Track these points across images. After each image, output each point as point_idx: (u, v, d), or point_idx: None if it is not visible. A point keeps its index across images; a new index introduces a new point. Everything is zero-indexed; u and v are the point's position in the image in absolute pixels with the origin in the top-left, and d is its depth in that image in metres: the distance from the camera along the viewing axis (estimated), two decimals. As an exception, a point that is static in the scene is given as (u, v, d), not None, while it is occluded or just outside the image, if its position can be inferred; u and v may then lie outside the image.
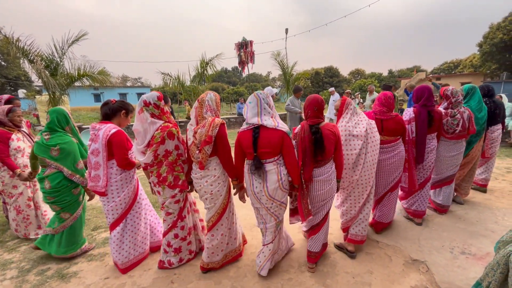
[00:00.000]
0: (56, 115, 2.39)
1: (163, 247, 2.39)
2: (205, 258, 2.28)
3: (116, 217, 2.28)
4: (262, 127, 1.95)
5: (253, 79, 50.41)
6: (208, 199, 2.14)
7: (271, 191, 2.01)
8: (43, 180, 2.38)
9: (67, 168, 2.35)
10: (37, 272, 2.43)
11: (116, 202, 2.25)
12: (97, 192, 2.19)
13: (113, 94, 32.86)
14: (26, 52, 6.66)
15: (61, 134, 2.38)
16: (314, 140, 2.03)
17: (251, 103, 1.99)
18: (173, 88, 10.80)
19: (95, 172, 2.16)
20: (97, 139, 2.12)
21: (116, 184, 2.24)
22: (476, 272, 2.19)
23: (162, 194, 2.20)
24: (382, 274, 2.25)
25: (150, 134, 2.04)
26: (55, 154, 2.31)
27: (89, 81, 7.88)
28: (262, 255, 2.23)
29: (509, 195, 3.76)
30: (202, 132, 1.95)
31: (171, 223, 2.30)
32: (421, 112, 2.76)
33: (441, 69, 44.22)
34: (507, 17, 24.76)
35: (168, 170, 2.11)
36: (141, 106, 2.05)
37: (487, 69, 27.99)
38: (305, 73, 13.54)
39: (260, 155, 1.98)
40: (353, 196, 2.46)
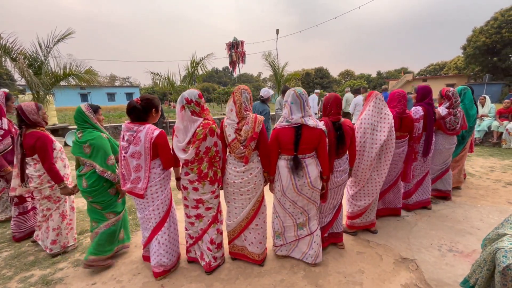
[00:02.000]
0: (74, 115, 2.31)
1: (205, 246, 2.31)
2: (256, 250, 2.35)
3: (158, 219, 2.22)
4: (304, 126, 2.08)
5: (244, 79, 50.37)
6: (250, 189, 2.21)
7: (313, 181, 2.17)
8: (81, 178, 2.28)
9: (98, 165, 2.24)
10: (19, 279, 2.32)
11: (159, 202, 2.20)
12: (135, 194, 2.13)
13: (100, 94, 32.16)
14: (8, 50, 6.42)
15: (90, 130, 2.28)
16: (338, 136, 2.25)
17: (294, 104, 2.09)
18: (163, 88, 10.65)
19: (136, 174, 2.09)
20: (138, 141, 2.03)
21: (160, 183, 2.18)
22: (463, 269, 2.24)
23: (201, 190, 2.17)
24: (373, 273, 2.28)
25: (191, 131, 2.02)
26: (87, 151, 2.22)
27: (76, 81, 7.67)
28: (315, 244, 2.34)
29: (493, 194, 3.89)
30: (247, 129, 2.05)
31: (211, 217, 2.28)
32: (429, 110, 3.02)
33: (427, 70, 45.46)
34: (489, 21, 25.70)
35: (209, 166, 2.11)
36: (183, 103, 2.02)
37: (471, 71, 28.97)
38: (296, 73, 13.63)
39: (300, 151, 2.13)
40: (366, 189, 2.69)
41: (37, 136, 2.40)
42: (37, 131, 2.45)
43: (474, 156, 5.95)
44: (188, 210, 2.28)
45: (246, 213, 2.28)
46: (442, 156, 3.43)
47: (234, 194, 2.26)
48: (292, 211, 2.31)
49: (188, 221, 2.32)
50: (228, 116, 2.16)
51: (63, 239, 2.67)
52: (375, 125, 2.50)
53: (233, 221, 2.34)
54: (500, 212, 3.30)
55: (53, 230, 2.60)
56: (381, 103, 2.53)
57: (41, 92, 6.80)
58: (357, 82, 32.00)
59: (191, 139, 2.02)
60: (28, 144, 2.40)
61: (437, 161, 3.46)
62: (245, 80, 50.83)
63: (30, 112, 2.42)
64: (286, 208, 2.31)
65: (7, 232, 3.09)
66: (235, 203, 2.30)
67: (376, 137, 2.50)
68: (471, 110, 3.65)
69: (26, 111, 2.40)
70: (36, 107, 2.47)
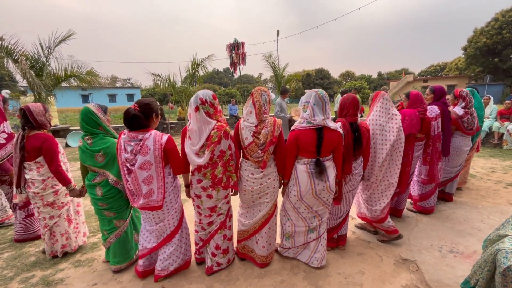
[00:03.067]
0: (81, 117, 2.09)
1: (210, 251, 2.29)
2: (265, 252, 2.33)
3: (173, 228, 2.15)
4: (325, 129, 2.04)
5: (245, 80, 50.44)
6: (269, 193, 2.20)
7: (331, 185, 2.15)
8: (94, 187, 2.15)
9: (112, 175, 2.12)
10: (20, 279, 2.33)
11: (174, 211, 2.11)
12: (150, 208, 1.98)
13: (101, 95, 32.25)
14: (10, 51, 6.45)
15: (102, 136, 2.11)
16: (355, 137, 2.24)
17: (316, 105, 2.04)
18: (163, 89, 10.66)
19: (148, 187, 1.93)
20: (147, 150, 1.88)
21: (173, 191, 2.09)
22: (464, 270, 2.24)
23: (215, 197, 2.11)
24: (374, 274, 2.27)
25: (205, 133, 1.92)
26: (100, 160, 2.07)
27: (77, 82, 7.69)
28: (320, 247, 2.33)
29: (494, 194, 3.88)
30: (266, 133, 1.99)
31: (219, 223, 2.23)
32: (445, 109, 3.03)
33: (428, 71, 45.43)
34: (490, 22, 25.68)
35: (223, 171, 2.02)
36: (197, 104, 1.92)
37: (472, 72, 28.93)
38: (296, 74, 13.62)
39: (321, 154, 2.09)
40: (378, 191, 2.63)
41: (43, 137, 2.31)
42: (42, 133, 2.37)
43: (475, 157, 5.94)
44: (201, 217, 2.23)
45: (262, 216, 2.25)
46: (461, 157, 3.40)
47: (253, 197, 2.21)
48: (306, 215, 2.26)
49: (200, 226, 2.28)
50: (246, 118, 2.07)
51: (73, 243, 2.63)
52: (384, 126, 2.45)
53: (249, 221, 2.30)
54: (501, 213, 3.29)
55: (61, 236, 2.53)
56: (388, 103, 2.49)
57: (43, 93, 6.82)
58: (357, 83, 31.97)
59: (205, 142, 1.94)
60: (34, 146, 2.29)
61: (455, 163, 3.43)
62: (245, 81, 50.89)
63: (38, 114, 2.32)
64: (301, 212, 2.26)
65: (8, 233, 3.10)
66: (254, 205, 2.27)
67: (385, 137, 2.45)
68: (481, 111, 3.74)
69: (34, 112, 2.30)
70: (44, 108, 2.39)
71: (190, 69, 10.24)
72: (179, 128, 12.03)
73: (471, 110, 3.24)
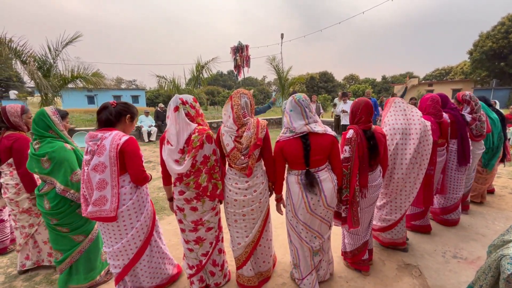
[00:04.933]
0: (34, 117, 1.96)
1: (207, 270, 2.10)
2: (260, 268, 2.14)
3: (139, 245, 1.86)
4: (311, 134, 1.82)
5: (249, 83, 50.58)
6: (255, 209, 1.93)
7: (329, 200, 1.90)
8: (42, 198, 1.96)
9: (59, 183, 1.90)
10: (24, 278, 2.36)
11: (135, 231, 1.82)
12: (102, 218, 1.71)
13: (107, 96, 32.56)
14: (18, 53, 6.57)
15: (50, 140, 1.93)
16: (371, 146, 2.01)
17: (293, 111, 1.85)
18: (168, 91, 10.75)
19: (100, 193, 1.68)
20: (102, 150, 1.66)
21: (134, 206, 1.80)
22: (467, 276, 2.21)
23: (201, 209, 1.90)
24: (376, 278, 2.26)
25: (184, 136, 1.75)
26: (46, 166, 1.88)
27: (83, 83, 7.80)
28: (323, 263, 2.14)
29: (499, 200, 3.83)
30: (249, 135, 1.78)
31: (214, 239, 2.03)
32: (456, 115, 2.82)
33: (433, 75, 45.12)
34: (496, 26, 25.50)
35: (208, 178, 1.83)
36: (177, 104, 1.76)
37: (477, 76, 28.67)
38: (300, 77, 13.66)
39: (312, 164, 1.85)
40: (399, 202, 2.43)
41: (14, 137, 2.20)
42: (15, 133, 2.26)
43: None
44: (185, 234, 1.98)
45: (252, 237, 1.99)
46: (474, 163, 3.21)
47: (235, 215, 1.95)
48: (305, 235, 1.99)
49: (186, 247, 2.03)
50: (225, 123, 1.88)
51: None
52: (404, 128, 2.27)
53: (237, 247, 2.03)
54: (506, 218, 3.25)
55: (44, 244, 2.35)
56: (402, 105, 2.35)
57: (50, 94, 6.93)
58: (361, 87, 31.90)
59: (184, 147, 1.76)
60: (5, 147, 2.19)
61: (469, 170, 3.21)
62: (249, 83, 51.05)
63: (12, 114, 2.24)
64: (299, 232, 1.99)
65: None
66: (236, 225, 2.00)
67: (407, 141, 2.26)
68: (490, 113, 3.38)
69: (9, 113, 2.23)
70: (21, 110, 2.29)
71: (194, 71, 10.32)
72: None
73: (479, 115, 2.96)
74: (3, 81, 27.31)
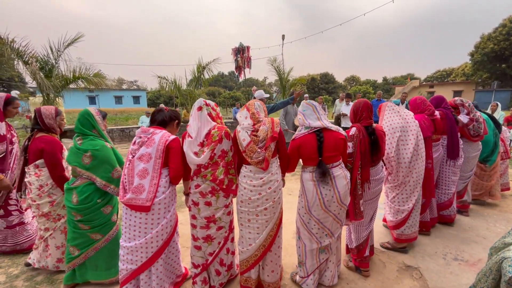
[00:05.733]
0: (78, 117, 2.08)
1: (214, 269, 2.09)
2: (267, 278, 2.08)
3: (160, 243, 1.89)
4: (325, 130, 1.97)
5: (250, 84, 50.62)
6: (268, 208, 1.93)
7: (342, 196, 1.98)
8: (71, 192, 2.02)
9: (100, 178, 2.01)
10: (25, 277, 2.36)
11: (164, 223, 1.87)
12: (136, 207, 1.77)
13: (108, 97, 32.66)
14: (21, 53, 6.62)
15: (92, 138, 2.05)
16: (372, 141, 2.14)
17: (306, 110, 2.03)
18: (169, 91, 10.79)
19: (140, 181, 1.78)
20: (151, 143, 1.84)
21: (165, 200, 1.86)
22: (468, 278, 2.21)
23: (214, 205, 1.95)
24: (376, 280, 2.26)
25: (204, 131, 1.92)
26: (86, 162, 1.98)
27: (85, 84, 7.84)
28: (330, 264, 2.17)
29: (501, 202, 3.82)
30: (265, 129, 1.89)
31: (223, 239, 2.05)
32: (448, 113, 2.97)
33: (434, 77, 45.10)
34: (498, 27, 25.48)
35: (225, 172, 1.93)
36: (201, 104, 1.97)
37: (479, 78, 28.63)
38: (301, 78, 13.67)
39: (326, 160, 1.94)
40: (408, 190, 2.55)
41: (47, 140, 2.24)
42: (48, 135, 2.29)
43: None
44: (196, 230, 2.02)
45: (263, 239, 1.97)
46: (470, 164, 3.34)
47: (249, 215, 1.96)
48: (317, 232, 2.04)
49: (194, 244, 2.06)
50: (242, 123, 2.00)
51: None
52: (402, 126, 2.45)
53: (246, 249, 2.00)
54: (507, 221, 3.24)
55: (56, 248, 2.34)
56: (395, 107, 2.53)
57: (51, 94, 6.97)
58: (362, 88, 31.88)
59: (204, 141, 1.90)
60: (36, 148, 2.21)
61: (465, 169, 3.35)
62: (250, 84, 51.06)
63: (47, 116, 2.27)
64: (310, 228, 2.04)
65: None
66: (249, 226, 1.98)
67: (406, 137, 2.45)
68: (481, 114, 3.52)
69: (44, 114, 2.26)
70: (55, 112, 2.33)
71: (195, 72, 10.37)
72: (183, 130, 12.10)
73: (476, 116, 3.13)
74: (5, 81, 27.43)
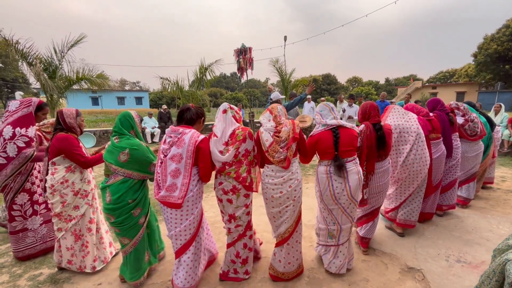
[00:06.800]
0: (119, 117, 2.21)
1: (229, 258, 2.24)
2: (280, 268, 2.23)
3: (189, 237, 2.04)
4: (340, 128, 2.15)
5: (252, 85, 50.69)
6: (289, 206, 2.09)
7: (353, 191, 2.13)
8: (105, 191, 2.10)
9: (137, 172, 2.12)
10: (29, 277, 2.38)
11: (192, 218, 2.02)
12: (169, 204, 1.93)
13: (111, 98, 32.84)
14: (25, 54, 6.67)
15: (129, 138, 2.17)
16: (378, 137, 2.34)
17: (323, 111, 2.24)
18: (171, 92, 10.82)
19: (172, 180, 1.92)
20: (181, 143, 1.93)
21: (193, 197, 2.00)
22: (471, 281, 2.19)
23: (235, 203, 2.08)
24: (378, 282, 2.25)
25: (229, 131, 2.06)
26: (124, 159, 2.07)
27: (88, 84, 7.88)
28: (340, 254, 2.31)
29: (504, 204, 3.79)
30: (287, 130, 2.03)
31: (237, 235, 2.19)
32: (441, 114, 3.16)
33: (436, 78, 44.91)
34: (501, 28, 25.33)
35: (248, 170, 2.06)
36: (226, 107, 2.12)
37: (482, 79, 28.46)
38: (303, 80, 13.65)
39: (341, 154, 2.12)
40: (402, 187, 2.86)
41: (61, 138, 2.28)
42: (63, 133, 2.33)
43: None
44: (225, 221, 2.23)
45: (282, 231, 2.16)
46: (468, 163, 3.55)
47: (273, 211, 2.14)
48: (326, 216, 2.29)
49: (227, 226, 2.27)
50: (265, 124, 2.14)
51: (79, 262, 2.40)
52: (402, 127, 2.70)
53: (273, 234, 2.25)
54: (511, 223, 3.21)
55: (67, 250, 2.37)
56: (400, 110, 2.76)
57: (55, 95, 7.02)
58: (365, 89, 31.83)
59: (228, 140, 2.04)
60: (53, 147, 2.27)
61: (465, 167, 3.57)
62: (252, 85, 51.13)
63: (68, 116, 2.35)
64: (322, 212, 2.33)
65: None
66: (273, 222, 2.21)
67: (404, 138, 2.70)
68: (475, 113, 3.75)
69: (65, 114, 2.34)
70: (75, 113, 2.42)
71: (198, 73, 10.38)
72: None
73: (471, 117, 3.37)
74: (9, 82, 27.68)
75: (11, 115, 2.53)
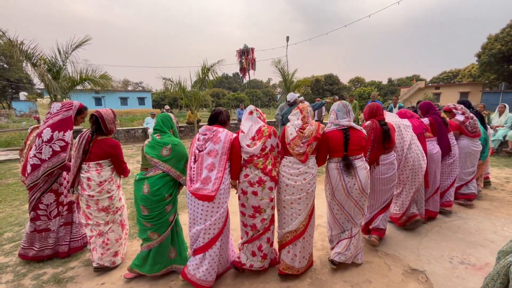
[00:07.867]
0: (160, 117, 2.38)
1: (251, 249, 2.29)
2: (290, 262, 2.28)
3: (217, 231, 2.12)
4: (351, 129, 2.32)
5: (254, 85, 50.69)
6: (302, 198, 2.22)
7: (364, 184, 2.30)
8: (142, 183, 2.20)
9: (175, 169, 2.24)
10: (33, 276, 2.40)
11: (222, 212, 2.12)
12: (203, 196, 2.03)
13: (114, 98, 33.02)
14: (29, 55, 6.73)
15: (169, 135, 2.35)
16: (384, 131, 2.59)
17: (340, 111, 2.38)
18: (174, 93, 10.86)
19: (208, 173, 2.06)
20: (218, 140, 2.13)
21: (224, 190, 2.12)
22: (475, 283, 2.17)
23: (260, 195, 2.18)
24: (381, 283, 2.24)
25: (255, 128, 2.26)
26: (166, 154, 2.21)
27: (91, 85, 7.93)
28: (352, 246, 2.40)
29: (508, 205, 3.76)
30: (311, 129, 2.22)
31: (263, 229, 2.25)
32: (436, 118, 3.39)
33: (440, 78, 44.61)
34: (505, 28, 25.09)
35: (273, 163, 2.23)
36: (252, 109, 2.35)
37: (486, 79, 28.21)
38: (305, 80, 13.65)
39: (350, 153, 2.28)
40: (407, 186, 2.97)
41: (113, 144, 2.43)
42: (110, 138, 2.47)
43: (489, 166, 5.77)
44: (245, 218, 2.28)
45: (296, 226, 2.24)
46: (471, 158, 3.69)
47: (284, 202, 2.26)
48: (339, 217, 2.40)
49: (244, 230, 2.32)
50: (293, 121, 2.34)
51: (122, 250, 2.58)
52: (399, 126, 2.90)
53: (281, 230, 2.32)
54: (516, 225, 3.18)
55: (116, 241, 2.47)
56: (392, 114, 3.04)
57: (59, 95, 7.07)
58: (367, 89, 31.65)
59: (255, 135, 2.22)
60: (102, 150, 2.37)
61: (469, 164, 3.71)
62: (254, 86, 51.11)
63: (109, 122, 2.42)
64: (334, 213, 2.41)
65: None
66: (285, 212, 2.28)
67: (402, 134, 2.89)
68: None
69: (107, 120, 2.40)
70: (114, 116, 2.50)
71: (200, 73, 10.42)
72: (188, 132, 12.18)
73: (470, 115, 3.62)
74: (14, 82, 27.92)
75: (51, 117, 2.56)
